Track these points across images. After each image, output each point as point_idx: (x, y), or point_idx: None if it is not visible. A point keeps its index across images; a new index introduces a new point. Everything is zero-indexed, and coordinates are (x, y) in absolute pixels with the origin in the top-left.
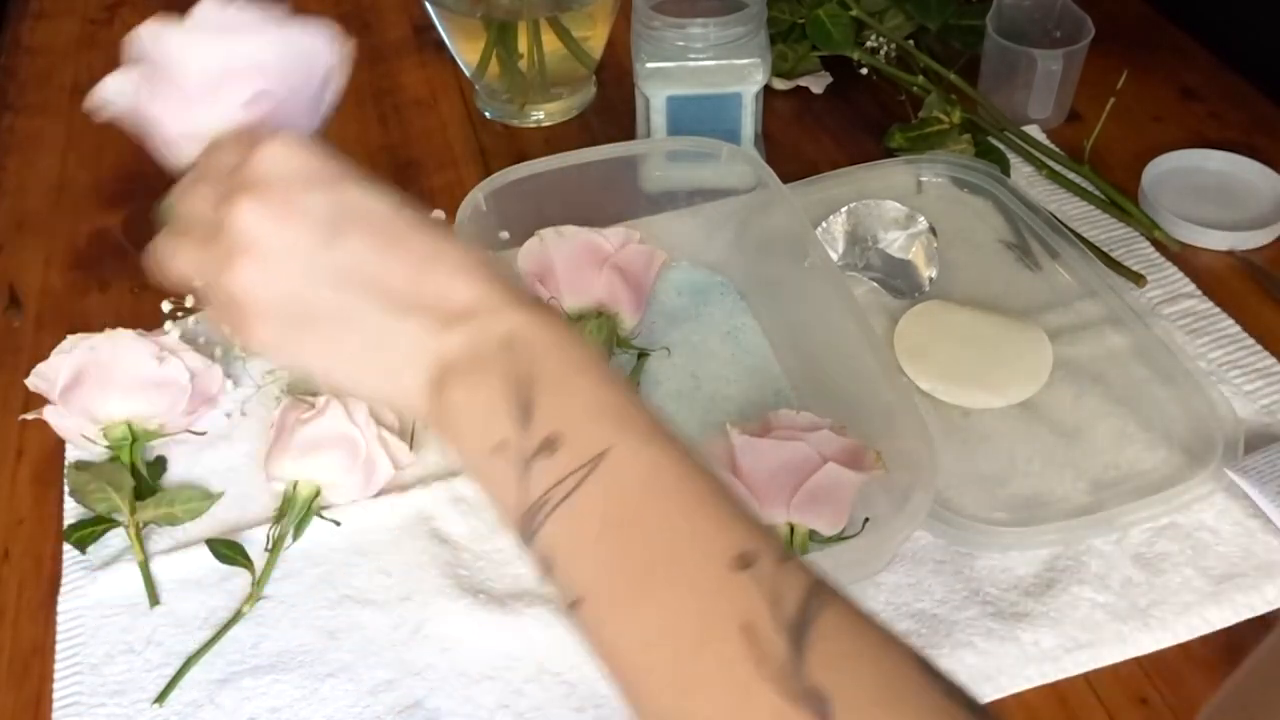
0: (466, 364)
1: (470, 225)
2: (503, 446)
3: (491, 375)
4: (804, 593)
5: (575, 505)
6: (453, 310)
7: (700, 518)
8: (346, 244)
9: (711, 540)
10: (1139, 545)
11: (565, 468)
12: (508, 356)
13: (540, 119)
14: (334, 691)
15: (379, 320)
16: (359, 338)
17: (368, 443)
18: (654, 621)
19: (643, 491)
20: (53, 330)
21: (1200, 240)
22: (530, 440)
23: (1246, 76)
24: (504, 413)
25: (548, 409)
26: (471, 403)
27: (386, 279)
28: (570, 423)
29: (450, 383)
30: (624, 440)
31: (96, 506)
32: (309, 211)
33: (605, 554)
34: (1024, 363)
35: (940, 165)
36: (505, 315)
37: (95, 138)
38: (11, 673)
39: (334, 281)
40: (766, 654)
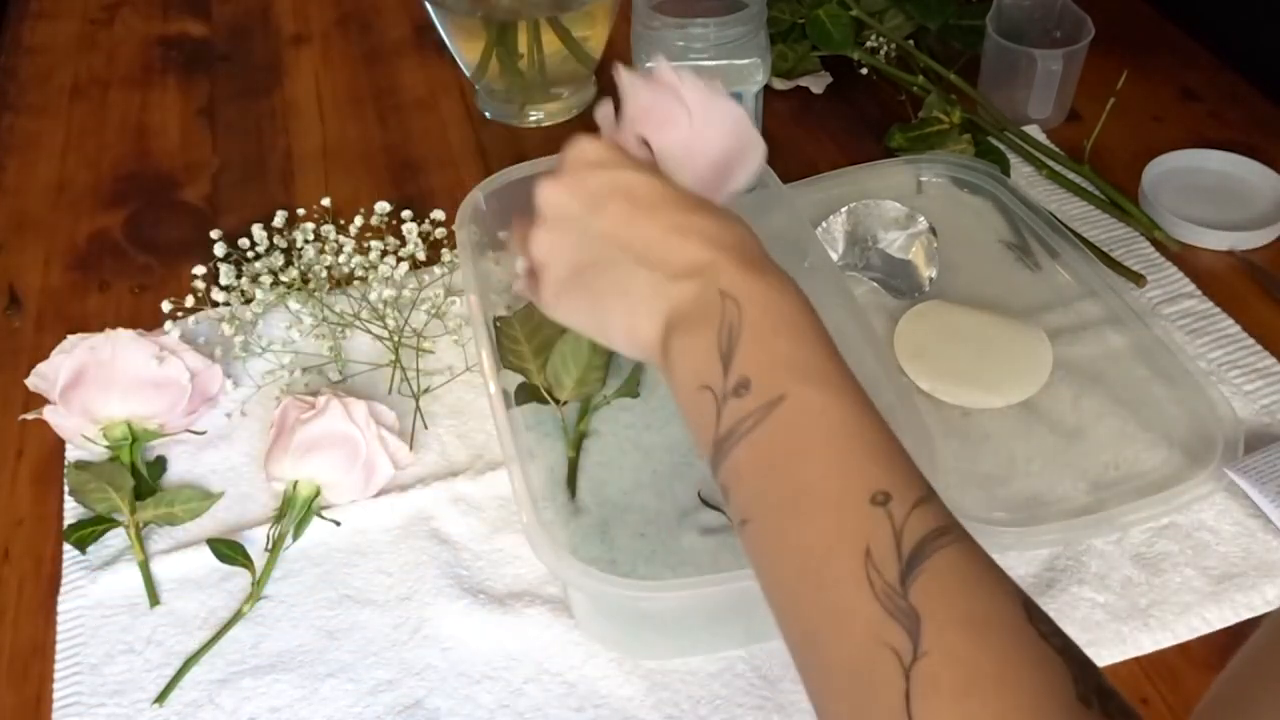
0: (688, 313)
1: (470, 225)
2: (706, 386)
3: (706, 325)
4: (928, 532)
5: (752, 440)
6: (684, 267)
7: (852, 457)
8: (609, 211)
9: (856, 476)
10: (1139, 545)
11: (749, 408)
12: (721, 310)
13: (540, 119)
14: (334, 691)
15: (626, 269)
16: (611, 285)
17: (368, 443)
18: (795, 539)
19: (807, 432)
20: (53, 330)
21: (1200, 240)
22: (727, 384)
23: (1246, 76)
24: (710, 357)
25: (743, 358)
26: (686, 347)
27: (635, 240)
28: (758, 371)
29: (674, 328)
30: (798, 389)
31: (96, 506)
32: (589, 187)
33: (769, 481)
34: (1024, 363)
35: (940, 165)
36: (727, 275)
37: (95, 138)
38: (11, 673)
39: (597, 240)
40: (879, 574)
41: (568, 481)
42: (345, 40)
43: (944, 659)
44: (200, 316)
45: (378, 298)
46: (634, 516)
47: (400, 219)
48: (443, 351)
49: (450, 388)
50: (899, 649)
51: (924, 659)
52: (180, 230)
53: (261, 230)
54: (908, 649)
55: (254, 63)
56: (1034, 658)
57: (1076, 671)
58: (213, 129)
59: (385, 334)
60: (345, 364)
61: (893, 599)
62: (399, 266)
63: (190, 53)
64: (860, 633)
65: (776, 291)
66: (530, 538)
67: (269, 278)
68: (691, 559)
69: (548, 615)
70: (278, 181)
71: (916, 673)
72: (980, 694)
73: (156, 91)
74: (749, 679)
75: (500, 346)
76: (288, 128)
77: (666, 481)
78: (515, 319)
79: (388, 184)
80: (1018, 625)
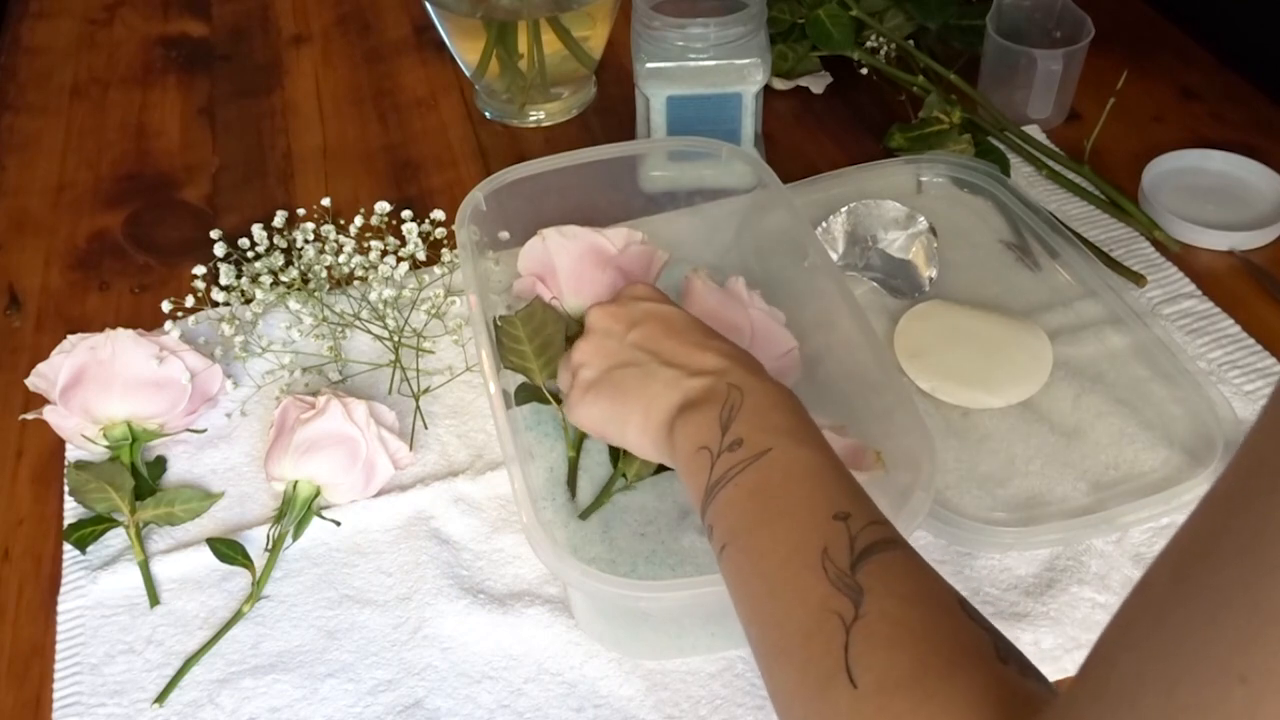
0: (698, 398)
1: (470, 225)
2: (705, 447)
3: (712, 405)
4: (878, 539)
5: (738, 481)
6: (700, 368)
7: (819, 489)
8: (644, 328)
9: (821, 501)
10: (1139, 545)
11: (739, 459)
12: (727, 395)
13: (540, 119)
14: (334, 691)
15: (651, 368)
16: (635, 382)
17: (368, 443)
18: (765, 546)
19: (785, 473)
20: (53, 330)
21: (1200, 240)
22: (723, 443)
23: (1246, 76)
24: (713, 427)
25: (740, 425)
26: (691, 420)
27: (663, 349)
28: (750, 433)
29: (684, 411)
30: (782, 444)
31: (96, 506)
32: (632, 313)
33: (748, 511)
34: (1024, 363)
35: (940, 165)
36: (734, 375)
37: (95, 138)
38: (11, 673)
39: (629, 347)
40: (833, 565)
41: (568, 481)
42: (345, 40)
43: (879, 617)
44: (200, 316)
45: (378, 298)
46: (634, 516)
47: (400, 219)
48: (443, 351)
49: (450, 388)
50: (843, 613)
51: (863, 618)
52: (180, 230)
53: (261, 230)
54: (850, 612)
55: (254, 63)
56: (959, 626)
57: (999, 641)
58: (213, 129)
59: (385, 334)
60: (345, 364)
61: (842, 579)
62: (399, 266)
63: (190, 53)
64: (813, 605)
65: (776, 387)
66: (530, 538)
67: (269, 278)
68: (691, 559)
69: (548, 615)
70: (278, 181)
71: (856, 628)
72: (908, 641)
73: (156, 91)
74: (749, 679)
75: (500, 346)
76: (288, 128)
77: (666, 481)
78: (515, 319)
79: (388, 184)
80: (948, 605)
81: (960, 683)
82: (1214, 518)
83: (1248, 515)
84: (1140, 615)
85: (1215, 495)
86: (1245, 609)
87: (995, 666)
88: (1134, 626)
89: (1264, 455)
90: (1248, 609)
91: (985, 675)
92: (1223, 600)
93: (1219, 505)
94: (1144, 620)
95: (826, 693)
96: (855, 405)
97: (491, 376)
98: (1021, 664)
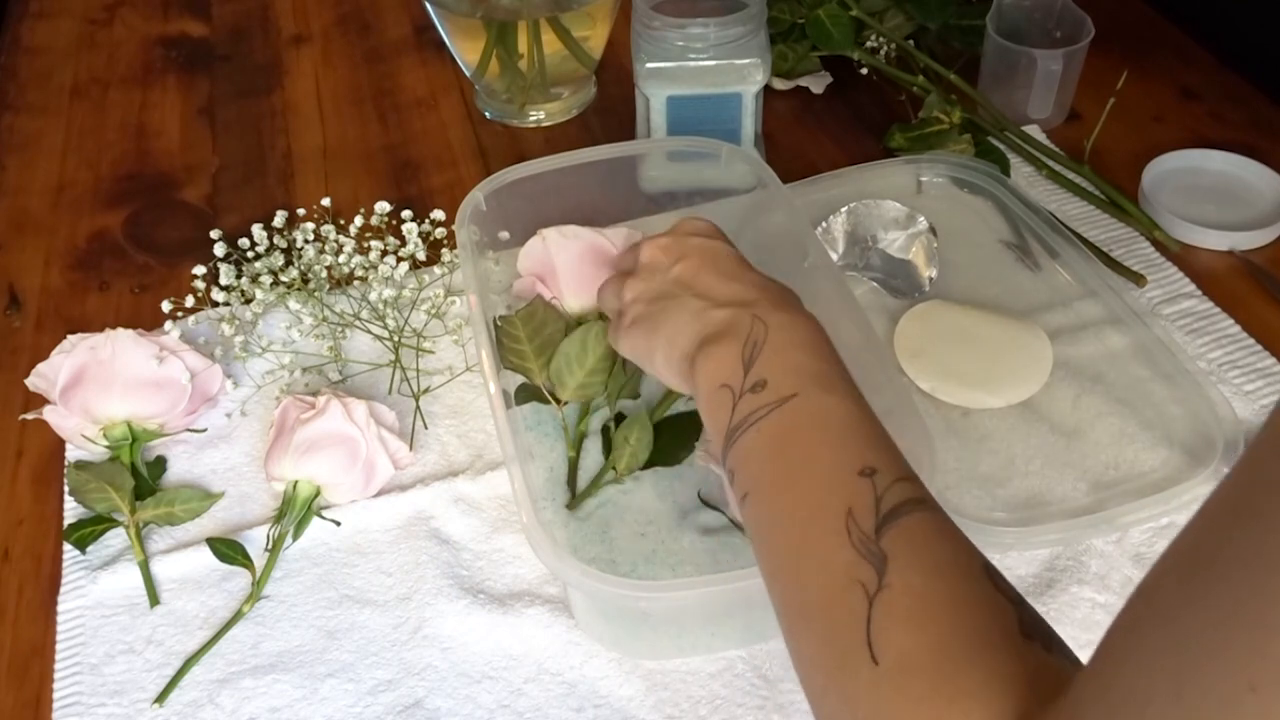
0: (721, 330)
1: (470, 225)
2: (727, 384)
3: (734, 340)
4: (905, 499)
5: (761, 427)
6: (727, 299)
7: (846, 441)
8: (687, 262)
9: (847, 455)
10: (1139, 545)
11: (762, 401)
12: (750, 329)
13: (540, 119)
14: (334, 691)
15: (682, 301)
16: (666, 315)
17: (368, 443)
18: (789, 503)
19: (811, 422)
20: (53, 330)
21: (1200, 240)
22: (745, 383)
23: (1246, 76)
24: (734, 363)
25: (762, 364)
26: (713, 354)
27: (698, 282)
28: (774, 374)
29: (706, 343)
30: (808, 389)
31: (96, 506)
32: (681, 247)
33: (772, 460)
34: (1024, 363)
35: (940, 165)
36: (759, 308)
37: (95, 138)
38: (11, 673)
39: (669, 282)
40: (857, 528)
41: (568, 481)
42: (345, 40)
43: (903, 591)
44: (200, 316)
45: (378, 298)
46: (634, 516)
47: (400, 219)
48: (443, 351)
49: (450, 388)
50: (866, 583)
51: (886, 590)
52: (180, 230)
53: (261, 230)
54: (874, 582)
55: (254, 63)
56: (984, 598)
57: (1024, 615)
58: (213, 129)
59: (385, 334)
60: (345, 364)
61: (866, 544)
62: (399, 266)
63: (190, 53)
64: (836, 572)
65: (802, 319)
66: (530, 538)
67: (269, 278)
68: (691, 559)
69: (548, 615)
70: (278, 181)
71: (878, 602)
72: (931, 617)
73: (156, 91)
74: (749, 679)
75: (500, 346)
76: (288, 128)
77: (667, 481)
78: (515, 319)
79: (388, 184)
80: (973, 574)
81: (981, 665)
82: (1221, 523)
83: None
84: (1146, 619)
85: (1222, 499)
86: (1254, 618)
87: (1019, 643)
88: (1140, 630)
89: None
90: (1256, 618)
91: (1008, 655)
92: (1231, 609)
93: (1226, 510)
94: (1150, 624)
95: (848, 668)
96: None
97: (491, 376)
98: (1046, 637)
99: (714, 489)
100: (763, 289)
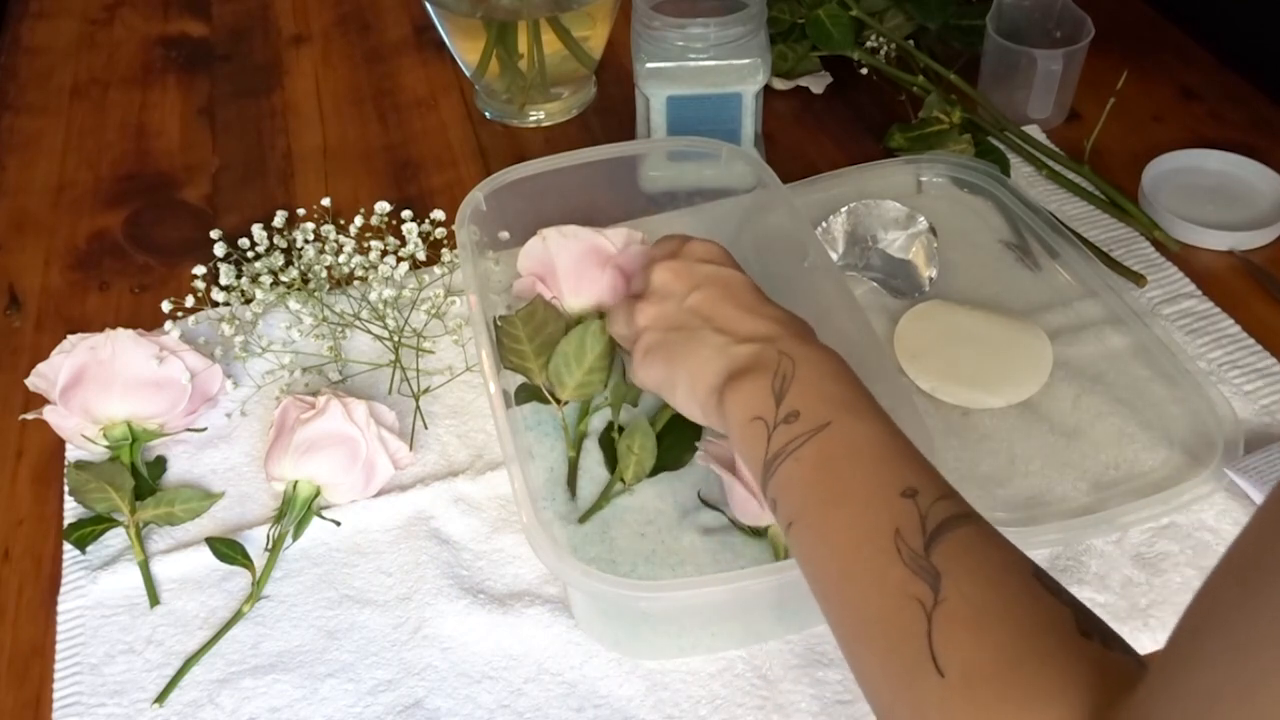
0: (747, 366)
1: (470, 225)
2: (759, 417)
3: (762, 374)
4: (949, 516)
5: (799, 456)
6: (749, 334)
7: (885, 464)
8: (701, 293)
9: (888, 478)
10: (1139, 545)
11: (797, 432)
12: (778, 363)
13: (540, 119)
14: (334, 691)
15: (703, 334)
16: (686, 347)
17: (368, 443)
18: (836, 527)
19: (848, 448)
20: (53, 330)
21: (1200, 240)
22: (779, 415)
23: (1246, 76)
24: (765, 396)
25: (794, 395)
26: (743, 388)
27: (716, 314)
28: (807, 405)
29: (732, 377)
30: (842, 417)
31: (96, 506)
32: (694, 273)
33: (813, 487)
34: (1024, 363)
35: (940, 165)
36: (783, 342)
37: (95, 138)
38: (11, 673)
39: (686, 312)
40: (906, 546)
41: (568, 481)
42: (345, 40)
43: (960, 601)
44: (200, 316)
45: (378, 298)
46: (634, 516)
47: (400, 219)
48: (443, 351)
49: (450, 388)
50: (923, 598)
51: (943, 603)
52: (180, 230)
53: (261, 230)
54: (930, 597)
55: (254, 63)
56: (1039, 602)
57: (1080, 614)
58: (213, 129)
59: (385, 334)
60: (345, 364)
61: (917, 561)
62: (399, 266)
63: (190, 53)
64: (891, 590)
65: (827, 354)
66: (530, 538)
67: (269, 278)
68: (691, 559)
69: (548, 615)
70: (278, 181)
71: (937, 614)
72: (991, 625)
73: (156, 91)
74: (749, 679)
75: (500, 346)
76: (288, 128)
77: (667, 481)
78: (515, 319)
79: (388, 184)
80: (1025, 580)
81: (1045, 667)
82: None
83: None
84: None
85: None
86: None
87: (1078, 643)
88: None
89: None
90: None
91: (1069, 655)
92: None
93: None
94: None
95: (915, 682)
96: None
97: (491, 376)
98: (1105, 635)
99: (714, 489)
100: (783, 323)
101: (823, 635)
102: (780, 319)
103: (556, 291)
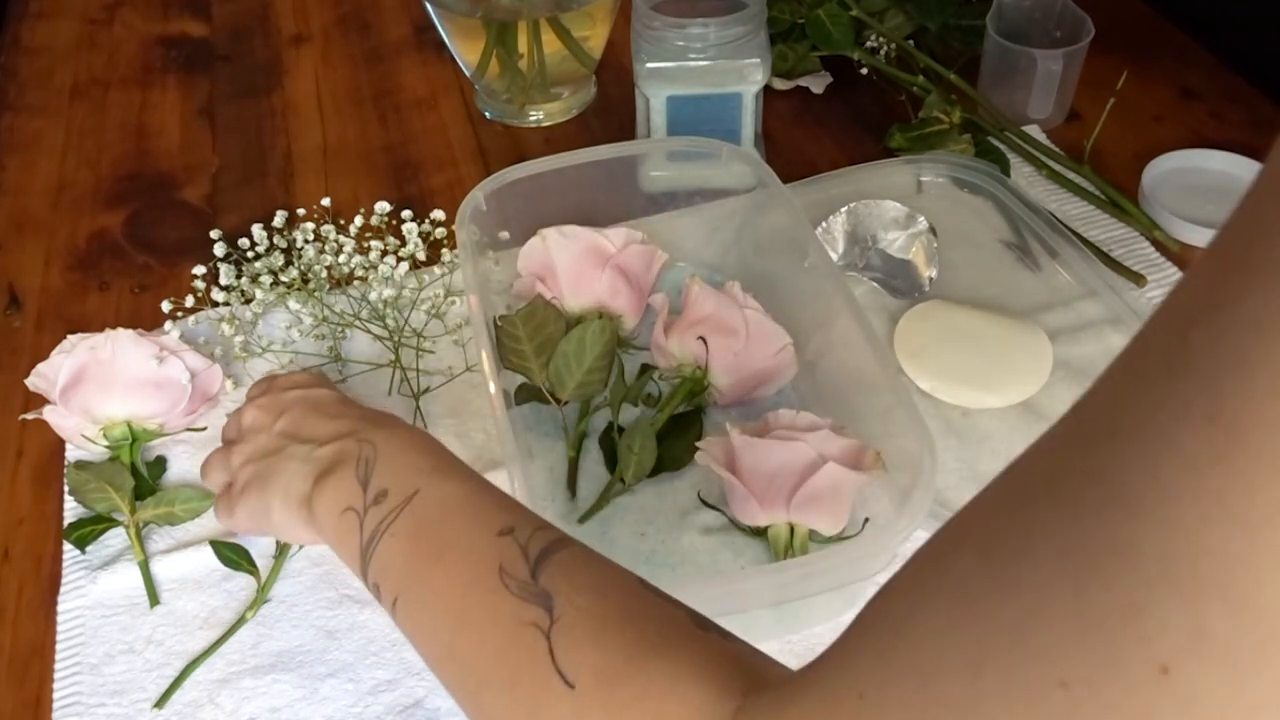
0: (331, 464)
1: (470, 225)
2: (350, 508)
3: (347, 466)
4: (548, 544)
5: (394, 531)
6: (330, 435)
7: (478, 513)
8: (287, 416)
9: (483, 524)
10: None
11: (389, 508)
12: (359, 452)
13: (540, 119)
14: (334, 691)
15: (289, 450)
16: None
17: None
18: (441, 583)
19: (440, 508)
20: (53, 330)
21: (1200, 240)
22: (367, 498)
23: (1246, 76)
24: (352, 486)
25: (380, 475)
26: (330, 485)
27: (300, 429)
28: (394, 480)
29: (320, 479)
30: (428, 483)
31: (96, 506)
32: (281, 402)
33: (412, 556)
34: (1024, 363)
35: (940, 165)
36: (363, 432)
37: (95, 138)
38: (11, 673)
39: (275, 437)
40: (513, 579)
41: (568, 482)
42: (345, 40)
43: (576, 615)
44: (200, 316)
45: (378, 298)
46: (634, 516)
47: (400, 219)
48: (443, 351)
49: (450, 388)
50: (538, 622)
51: (559, 620)
52: (180, 230)
53: (261, 230)
54: (545, 620)
55: (254, 63)
56: (651, 604)
57: (691, 612)
58: (213, 129)
59: (385, 334)
60: (345, 364)
61: (527, 589)
62: (399, 266)
63: (190, 53)
64: (506, 623)
65: (409, 430)
66: None
67: (269, 278)
68: (691, 559)
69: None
70: (278, 181)
71: (556, 632)
72: (611, 631)
73: (156, 91)
74: None
75: (500, 346)
76: (288, 128)
77: (667, 481)
78: (516, 319)
79: (388, 184)
80: (634, 587)
81: (675, 658)
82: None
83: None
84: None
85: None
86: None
87: (700, 635)
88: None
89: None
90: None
91: (695, 645)
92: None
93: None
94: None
95: (543, 704)
96: (855, 405)
97: (491, 376)
98: (720, 630)
99: (714, 489)
100: (363, 417)
101: (823, 635)
102: (361, 414)
103: (556, 291)
